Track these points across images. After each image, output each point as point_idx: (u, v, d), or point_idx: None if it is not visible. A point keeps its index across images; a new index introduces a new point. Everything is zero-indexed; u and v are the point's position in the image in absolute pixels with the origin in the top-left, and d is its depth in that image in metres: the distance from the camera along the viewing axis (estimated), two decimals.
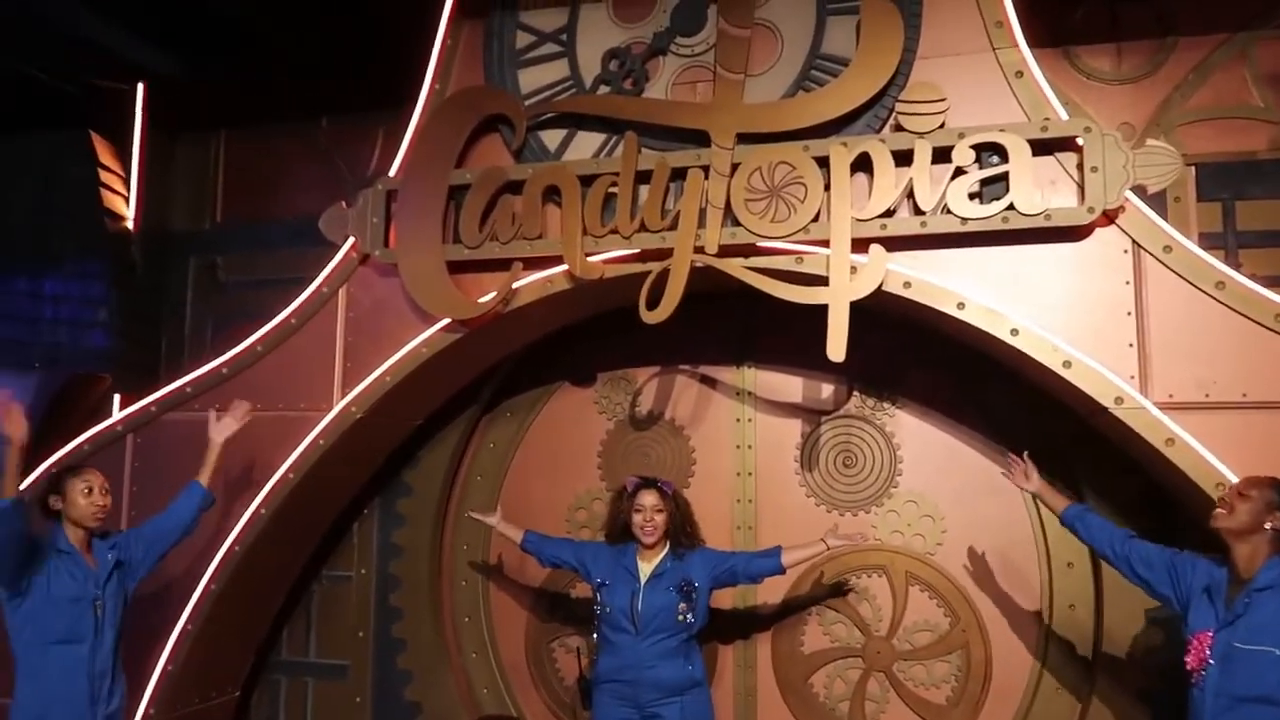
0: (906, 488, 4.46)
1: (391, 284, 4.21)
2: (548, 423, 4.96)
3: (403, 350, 4.17)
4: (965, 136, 3.54)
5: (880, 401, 4.54)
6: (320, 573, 4.99)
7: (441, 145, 4.13)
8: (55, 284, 5.16)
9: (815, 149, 3.70)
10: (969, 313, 3.56)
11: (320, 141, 5.30)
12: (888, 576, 4.43)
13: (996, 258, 3.57)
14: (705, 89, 3.96)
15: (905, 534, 4.43)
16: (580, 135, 4.08)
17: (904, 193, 3.59)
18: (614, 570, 3.85)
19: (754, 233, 3.73)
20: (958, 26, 3.72)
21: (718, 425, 4.71)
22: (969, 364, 4.16)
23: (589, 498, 4.83)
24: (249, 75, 5.39)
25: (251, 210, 5.43)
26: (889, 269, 3.60)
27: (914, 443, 4.48)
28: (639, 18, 4.13)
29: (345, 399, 4.23)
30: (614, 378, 4.89)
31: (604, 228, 3.89)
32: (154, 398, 4.52)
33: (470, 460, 5.00)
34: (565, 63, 4.16)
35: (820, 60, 3.85)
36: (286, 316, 4.40)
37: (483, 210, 4.04)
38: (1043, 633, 4.24)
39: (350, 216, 4.28)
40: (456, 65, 4.29)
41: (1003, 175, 3.51)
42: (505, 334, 4.34)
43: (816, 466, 4.56)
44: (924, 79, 3.68)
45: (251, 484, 4.31)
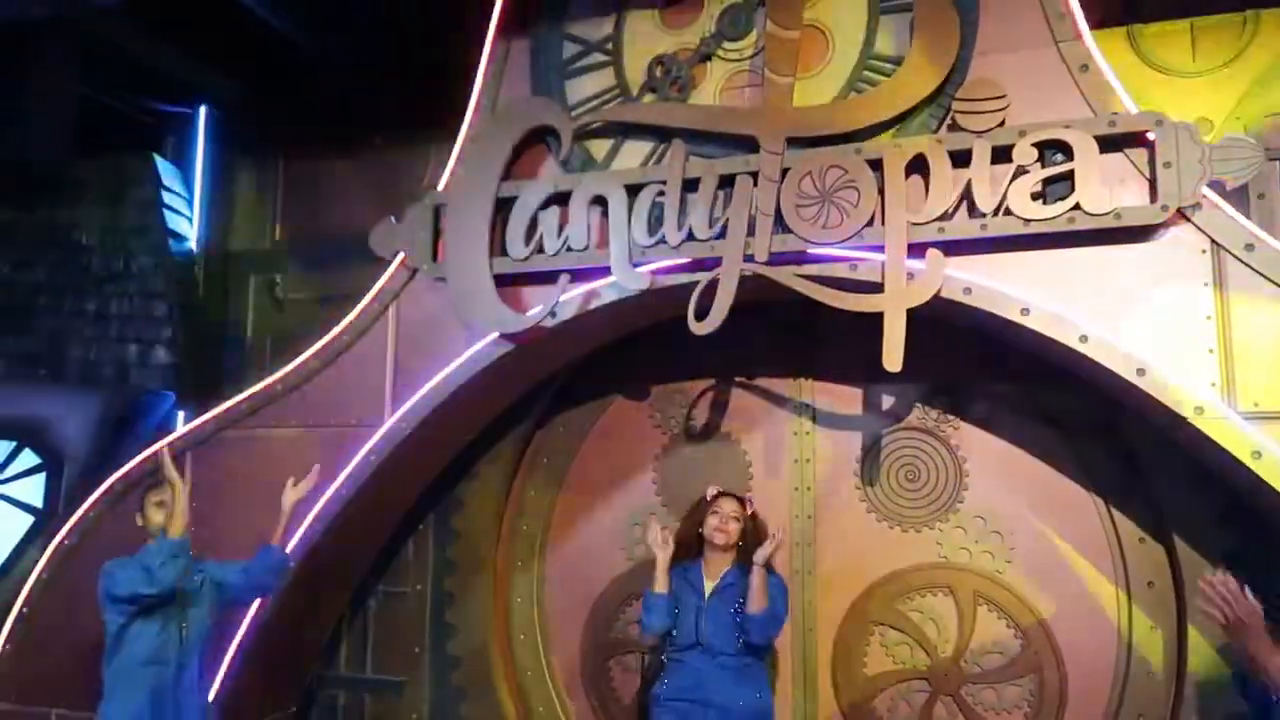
0: (973, 503, 4.27)
1: (441, 298, 4.19)
2: (602, 437, 4.89)
3: (451, 365, 4.14)
4: (1027, 134, 3.37)
5: (944, 413, 4.36)
6: (376, 588, 4.99)
7: (489, 157, 4.10)
8: (122, 304, 5.29)
9: (868, 151, 3.57)
10: (1034, 319, 3.38)
11: (375, 158, 5.34)
12: (954, 596, 4.24)
13: (1063, 260, 3.39)
14: (754, 93, 3.86)
15: (972, 551, 4.25)
16: (628, 144, 4.01)
17: (962, 194, 3.44)
18: (680, 586, 3.77)
19: (805, 239, 3.61)
20: (1017, 20, 3.55)
21: (775, 439, 4.58)
22: (1037, 372, 3.98)
23: (645, 512, 4.73)
24: (306, 96, 5.48)
25: (310, 228, 5.51)
26: (948, 274, 3.45)
27: (980, 456, 4.29)
28: (685, 23, 4.05)
29: (396, 414, 4.22)
30: (668, 391, 4.80)
31: (652, 237, 3.82)
32: (212, 414, 4.57)
33: (524, 475, 4.96)
34: (612, 71, 4.10)
35: (873, 60, 3.73)
36: (339, 333, 4.42)
37: (530, 222, 4.00)
38: (1122, 655, 4.01)
39: (399, 231, 4.28)
40: (504, 78, 4.27)
41: (1068, 174, 3.33)
42: (554, 347, 4.29)
43: (878, 481, 4.41)
44: (982, 75, 3.52)
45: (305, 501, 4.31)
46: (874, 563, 4.35)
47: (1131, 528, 4.04)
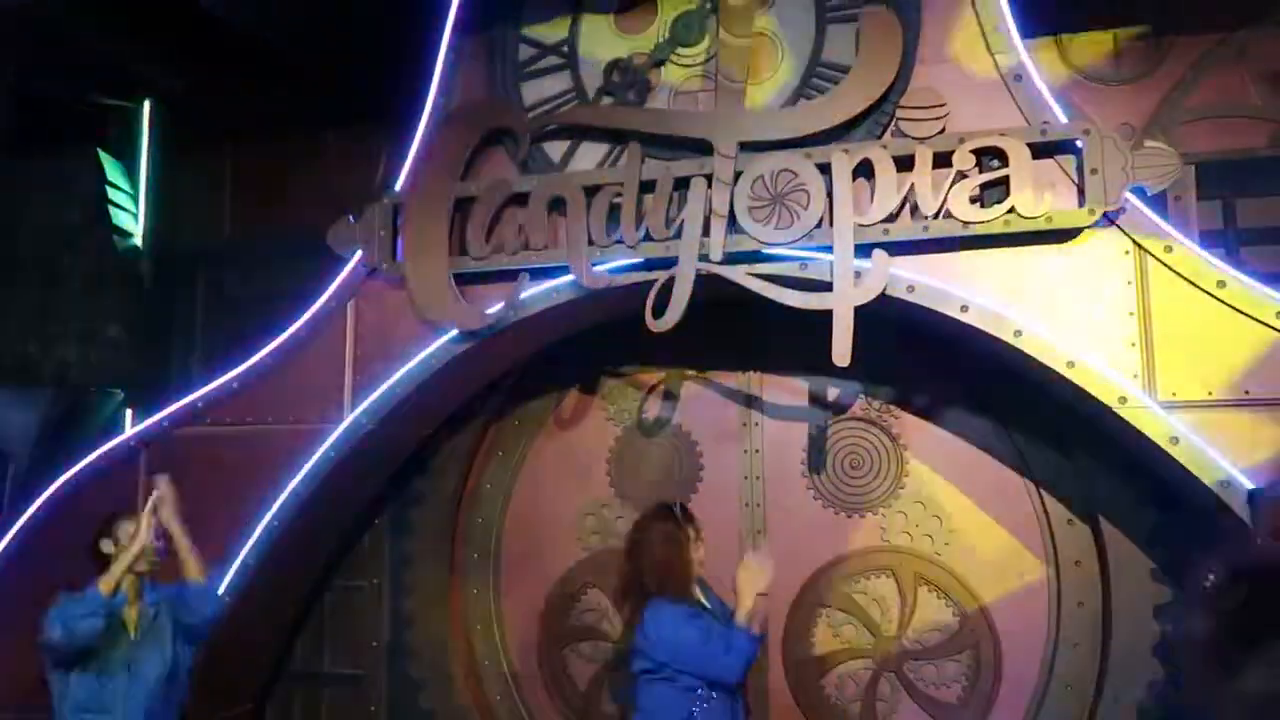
0: (913, 489, 4.49)
1: (399, 296, 4.25)
2: (556, 430, 5.00)
3: (412, 362, 4.20)
4: (965, 141, 3.57)
5: (887, 404, 4.57)
6: (332, 582, 5.02)
7: (446, 158, 4.17)
8: (64, 301, 5.21)
9: (817, 156, 3.73)
10: (972, 315, 3.58)
11: (327, 155, 5.35)
12: (895, 577, 4.46)
13: (999, 260, 3.60)
14: (707, 98, 4.00)
15: (913, 535, 4.46)
16: (584, 146, 4.11)
17: (905, 198, 3.62)
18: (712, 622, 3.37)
19: (757, 240, 3.76)
20: (957, 32, 3.75)
21: (725, 430, 4.74)
22: (975, 365, 4.19)
23: (598, 504, 4.87)
24: (254, 90, 5.44)
25: (259, 224, 5.49)
26: (892, 273, 3.63)
27: (921, 445, 4.51)
28: (640, 29, 4.16)
29: (355, 411, 4.27)
30: (621, 384, 4.93)
31: (609, 238, 3.93)
32: (166, 413, 4.55)
33: (479, 468, 5.04)
34: (568, 75, 4.19)
35: (821, 68, 3.89)
36: (295, 330, 4.44)
37: (488, 222, 4.08)
38: (1052, 630, 4.26)
39: (357, 230, 4.32)
40: (460, 78, 4.33)
41: (1003, 179, 3.54)
42: (512, 344, 4.38)
43: (824, 469, 4.59)
44: (924, 85, 3.71)
45: (263, 497, 4.34)
46: (821, 547, 4.54)
47: (1061, 510, 4.29)
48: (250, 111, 5.46)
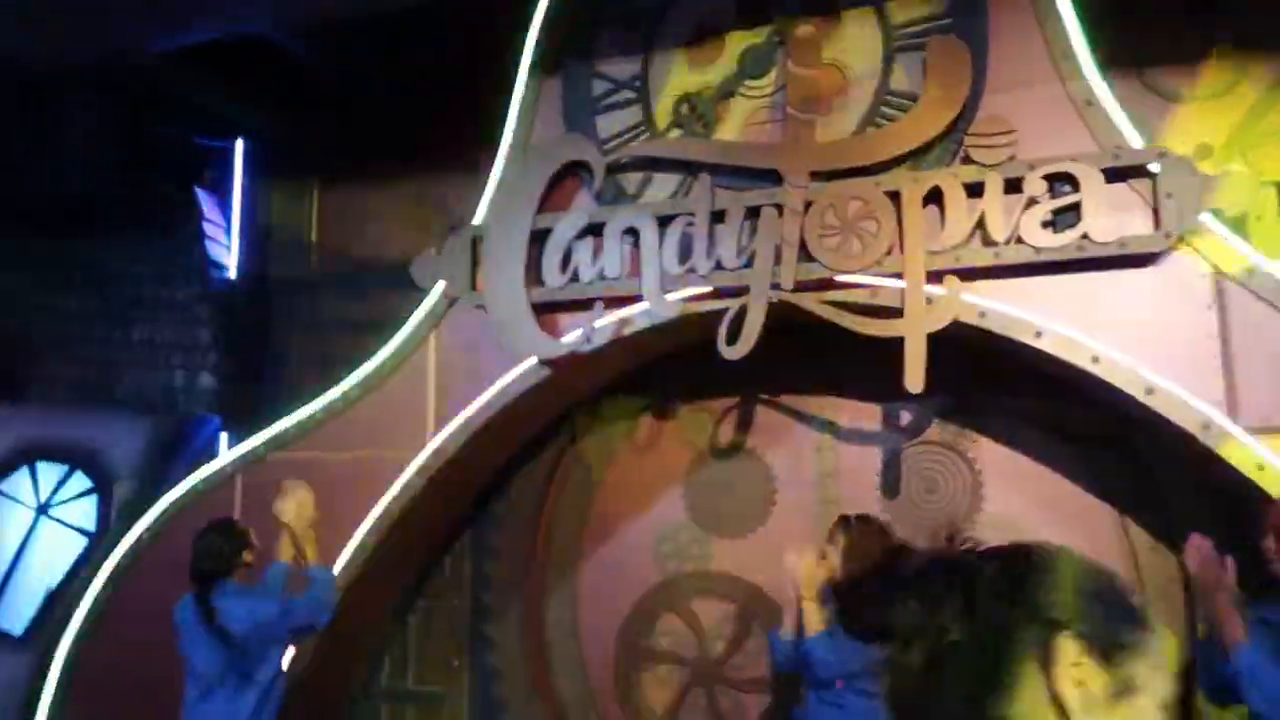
0: (991, 514, 4.45)
1: (479, 325, 4.40)
2: (631, 454, 5.08)
3: (492, 390, 4.35)
4: (1036, 168, 3.58)
5: (961, 428, 4.55)
6: (417, 603, 5.18)
7: (524, 191, 4.32)
8: (167, 331, 5.52)
9: (886, 183, 3.77)
10: (1046, 341, 3.58)
11: (408, 188, 5.56)
12: None
13: (1073, 285, 3.58)
14: (776, 129, 4.07)
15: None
16: (657, 177, 4.22)
17: (976, 224, 3.64)
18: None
19: (829, 267, 3.81)
20: (1025, 59, 3.76)
21: (799, 454, 4.77)
22: (1052, 389, 4.16)
23: (674, 528, 4.93)
24: (341, 129, 5.69)
25: (345, 255, 5.72)
26: (964, 299, 3.65)
27: (997, 469, 4.46)
28: (709, 62, 4.26)
29: (438, 438, 4.43)
30: (695, 408, 4.99)
31: (682, 267, 4.02)
32: (260, 439, 4.78)
33: (557, 492, 5.15)
34: (640, 108, 4.31)
35: (889, 96, 3.93)
36: (380, 359, 4.63)
37: (565, 252, 4.21)
38: None
39: (439, 262, 4.49)
40: (536, 114, 4.48)
41: (1075, 204, 3.53)
42: (589, 371, 4.49)
43: (899, 494, 4.59)
44: (993, 112, 3.73)
45: (351, 522, 4.52)
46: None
47: (1144, 536, 4.21)
48: (335, 148, 5.71)
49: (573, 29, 4.44)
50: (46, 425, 5.42)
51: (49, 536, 5.29)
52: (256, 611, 3.69)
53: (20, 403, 5.46)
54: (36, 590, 5.23)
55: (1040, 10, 3.81)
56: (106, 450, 5.34)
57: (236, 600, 3.72)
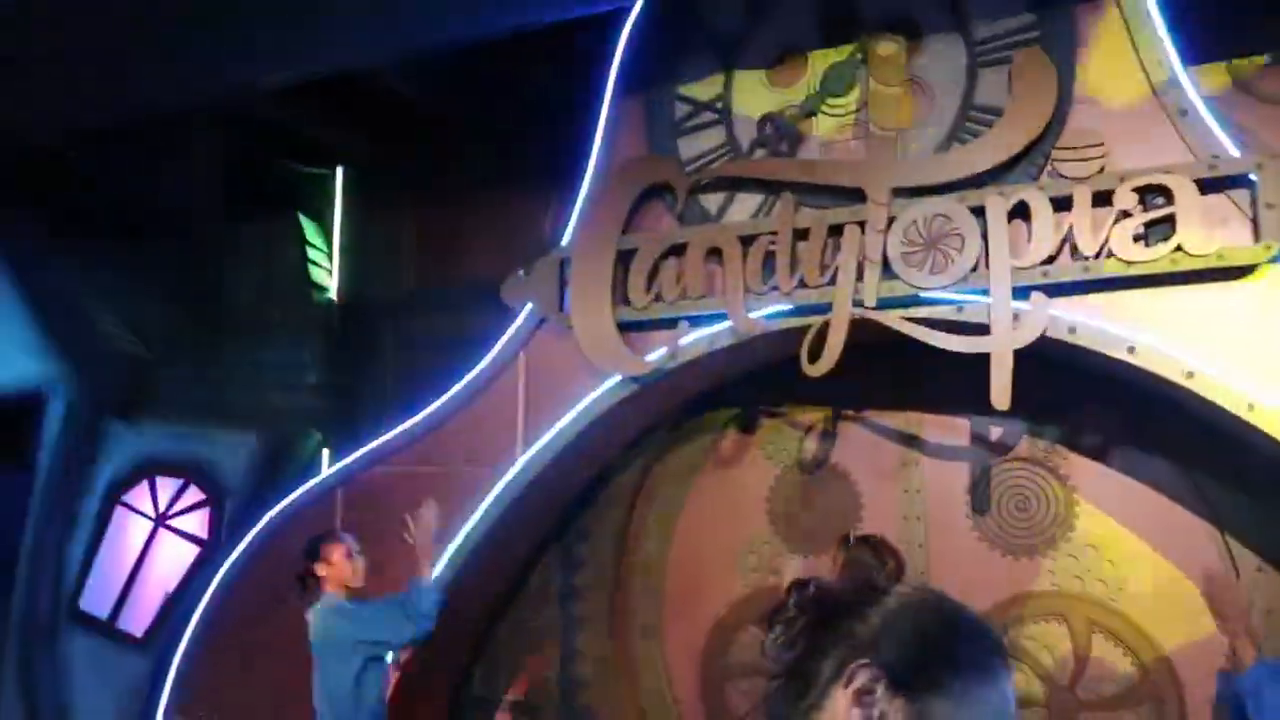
0: (1085, 531, 4.36)
1: (567, 345, 4.51)
2: (716, 469, 5.13)
3: (579, 406, 4.45)
4: (1127, 180, 3.51)
5: (1053, 444, 4.46)
6: (507, 614, 5.32)
7: (609, 213, 4.42)
8: (273, 352, 5.80)
9: (971, 199, 3.75)
10: (1140, 356, 3.50)
11: (498, 210, 5.73)
12: (1068, 623, 4.33)
13: (1167, 299, 3.50)
14: (859, 146, 4.08)
15: (1085, 579, 4.33)
16: (739, 197, 4.27)
17: (1064, 238, 3.58)
18: None
19: (912, 284, 3.80)
20: (1115, 70, 3.69)
21: (884, 470, 4.75)
22: (1146, 404, 4.06)
23: (758, 542, 4.96)
24: (432, 154, 5.92)
25: (438, 276, 5.92)
26: (1053, 315, 3.59)
27: (1091, 486, 4.37)
28: (791, 81, 4.29)
29: (528, 452, 4.55)
30: (779, 424, 5.01)
31: (765, 285, 4.06)
32: (358, 455, 4.98)
33: (643, 506, 5.23)
34: (722, 129, 4.37)
35: (973, 111, 3.91)
36: (472, 377, 4.78)
37: (649, 273, 4.29)
38: None
39: (528, 283, 4.63)
40: (620, 137, 4.58)
41: (1169, 216, 3.45)
42: (673, 388, 4.56)
43: (989, 510, 4.53)
44: (1081, 125, 3.67)
45: (445, 533, 4.67)
46: (987, 591, 4.46)
47: (1249, 556, 4.07)
48: (429, 173, 5.93)
49: (655, 54, 4.52)
50: (164, 442, 5.75)
51: (167, 545, 5.62)
52: (330, 626, 3.90)
53: (140, 421, 5.80)
54: (155, 596, 5.56)
55: (1130, 19, 3.73)
56: (218, 465, 5.65)
57: (319, 614, 3.94)
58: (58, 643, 5.68)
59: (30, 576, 5.75)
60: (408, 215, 6.12)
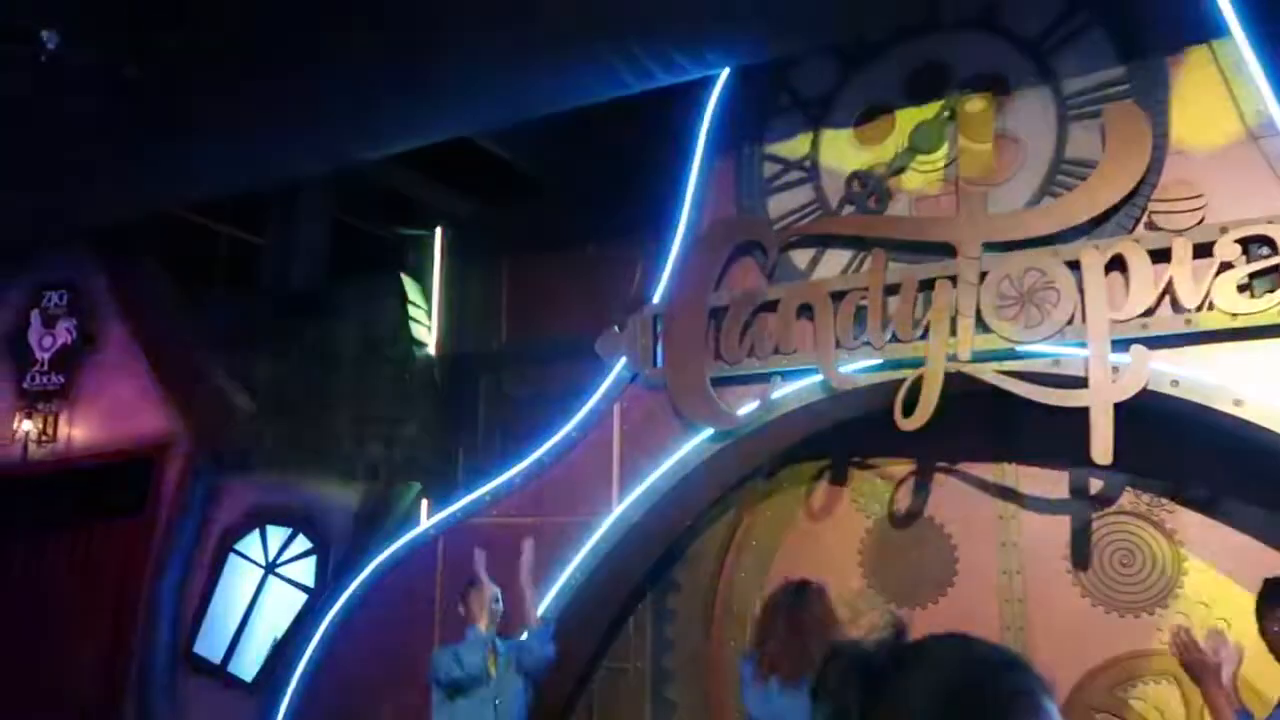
0: (1194, 588, 4.23)
1: (660, 398, 4.62)
2: (807, 521, 5.13)
3: (672, 459, 4.54)
4: (1229, 230, 3.47)
5: (1158, 496, 4.36)
6: (601, 664, 5.38)
7: (702, 271, 4.53)
8: (375, 406, 6.03)
9: (1065, 253, 3.75)
10: (1248, 410, 3.43)
11: (588, 266, 5.90)
12: (1179, 684, 4.19)
13: (1275, 351, 3.43)
14: (949, 201, 4.12)
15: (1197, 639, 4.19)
16: (828, 253, 4.34)
17: (1164, 290, 3.55)
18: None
19: (1007, 338, 3.80)
20: (1211, 119, 3.67)
21: (980, 523, 4.69)
22: (1254, 455, 3.95)
23: (853, 595, 4.93)
24: (527, 214, 6.14)
25: (531, 330, 6.10)
26: (1154, 368, 3.55)
27: (1199, 541, 4.25)
28: (879, 139, 4.37)
29: (622, 504, 4.65)
30: (871, 476, 5.00)
31: (856, 340, 4.11)
32: (459, 505, 5.14)
33: (735, 557, 5.26)
34: (810, 187, 4.46)
35: (1065, 165, 3.92)
36: (568, 430, 4.91)
37: (741, 329, 4.38)
38: None
39: (622, 338, 4.75)
40: (710, 196, 4.71)
41: (1275, 267, 3.40)
42: (765, 441, 4.61)
43: (1090, 565, 4.43)
44: (1178, 176, 3.65)
45: (542, 584, 4.78)
46: (1091, 649, 4.36)
47: None
48: (524, 232, 6.14)
49: (743, 116, 4.65)
50: (273, 492, 6.02)
51: (276, 592, 5.86)
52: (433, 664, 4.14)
53: (251, 472, 6.09)
54: (265, 640, 5.79)
55: (1225, 68, 3.72)
56: (324, 515, 5.88)
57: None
58: (174, 686, 5.94)
59: (149, 622, 6.05)
60: (503, 273, 6.32)
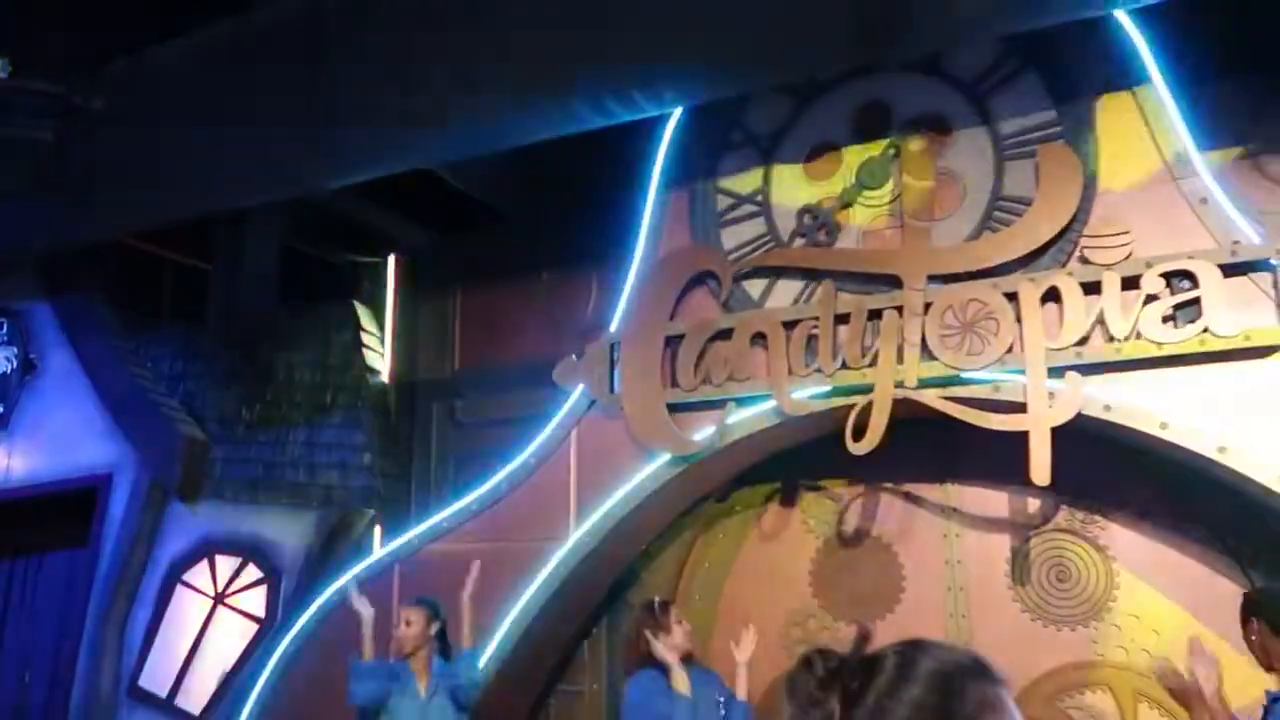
0: (1126, 602, 4.45)
1: (617, 425, 4.72)
2: (758, 542, 5.26)
3: (629, 484, 4.64)
4: (1153, 265, 3.71)
5: (1090, 514, 4.59)
6: (556, 687, 5.43)
7: (657, 301, 4.66)
8: (328, 433, 6.01)
9: (1004, 285, 3.96)
10: (1172, 433, 3.66)
11: (543, 294, 5.99)
12: (1113, 693, 4.41)
13: (1197, 378, 3.68)
14: (894, 235, 4.32)
15: (1129, 649, 4.41)
16: (780, 284, 4.51)
17: (1096, 321, 3.78)
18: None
19: (950, 366, 4.00)
20: (1136, 161, 3.93)
21: (925, 542, 4.87)
22: (1181, 474, 4.19)
23: (803, 615, 5.07)
24: (479, 242, 6.21)
25: (485, 358, 6.15)
26: (1087, 393, 3.77)
27: (1131, 556, 4.48)
28: (827, 174, 4.56)
29: (580, 530, 4.73)
30: (819, 498, 5.16)
31: (807, 367, 4.27)
32: (416, 532, 5.17)
33: (688, 579, 5.36)
34: (763, 220, 4.63)
35: (1003, 201, 4.14)
36: (526, 456, 4.98)
37: (697, 356, 4.51)
38: None
39: (580, 366, 4.85)
40: (665, 228, 4.85)
41: (1195, 299, 3.65)
42: (720, 465, 4.74)
43: (1029, 581, 4.64)
44: (1107, 214, 3.89)
45: (498, 608, 4.83)
46: (1030, 661, 4.55)
47: None
48: (477, 260, 6.20)
49: (698, 150, 4.81)
50: (222, 522, 5.96)
51: (225, 623, 5.79)
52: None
53: (200, 502, 6.02)
54: (214, 673, 5.71)
55: (1146, 112, 3.99)
56: (275, 543, 5.84)
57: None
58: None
59: (92, 654, 5.93)
60: (457, 300, 6.37)
